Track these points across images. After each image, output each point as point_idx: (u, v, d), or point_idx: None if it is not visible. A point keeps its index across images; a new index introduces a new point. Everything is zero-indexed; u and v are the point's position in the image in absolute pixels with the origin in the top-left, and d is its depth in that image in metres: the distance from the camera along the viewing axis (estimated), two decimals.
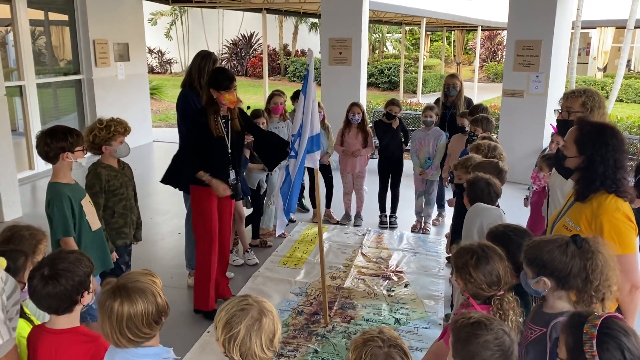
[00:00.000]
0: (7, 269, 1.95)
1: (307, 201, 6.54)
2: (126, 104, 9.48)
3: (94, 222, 3.05)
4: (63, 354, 1.92)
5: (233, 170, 3.93)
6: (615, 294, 1.93)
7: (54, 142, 2.80)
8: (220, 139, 3.82)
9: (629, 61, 22.92)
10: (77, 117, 8.99)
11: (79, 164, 2.92)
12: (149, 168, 8.69)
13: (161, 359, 1.82)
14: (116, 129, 3.29)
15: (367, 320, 4.04)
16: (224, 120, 3.86)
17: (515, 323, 2.00)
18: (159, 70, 26.10)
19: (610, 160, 2.27)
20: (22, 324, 2.03)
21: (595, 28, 20.96)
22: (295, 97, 5.90)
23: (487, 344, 1.61)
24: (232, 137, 3.90)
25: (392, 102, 5.74)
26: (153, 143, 10.57)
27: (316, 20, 25.15)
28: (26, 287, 2.03)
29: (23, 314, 2.11)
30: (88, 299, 1.99)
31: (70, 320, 1.96)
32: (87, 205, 3.00)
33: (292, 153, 3.78)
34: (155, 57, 25.87)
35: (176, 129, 4.45)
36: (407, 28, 22.99)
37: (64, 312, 1.94)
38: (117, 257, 3.39)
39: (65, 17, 8.80)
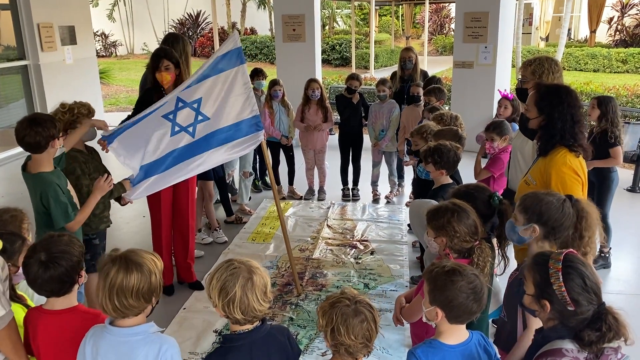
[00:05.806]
0: (4, 251, 1.97)
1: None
2: (76, 89, 9.21)
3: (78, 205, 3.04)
4: (66, 333, 1.95)
5: None
6: (595, 249, 2.15)
7: (45, 131, 2.69)
8: None
9: (569, 30, 23.77)
10: (25, 104, 8.70)
11: (61, 150, 2.90)
12: (102, 153, 8.52)
13: (148, 335, 1.86)
14: (80, 110, 3.22)
15: (337, 287, 4.20)
16: None
17: (490, 270, 2.19)
18: (104, 54, 25.22)
19: (567, 116, 2.48)
20: (16, 309, 2.04)
21: None
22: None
23: (463, 288, 1.77)
24: None
25: (353, 77, 5.87)
26: None
27: None
28: (20, 271, 2.04)
29: (15, 298, 2.13)
30: (83, 278, 2.04)
31: (69, 301, 2.00)
32: (72, 189, 2.98)
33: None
34: (99, 40, 24.96)
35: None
36: (356, 3, 23.02)
37: (65, 293, 1.97)
38: (99, 242, 3.39)
39: (5, 1, 8.42)
